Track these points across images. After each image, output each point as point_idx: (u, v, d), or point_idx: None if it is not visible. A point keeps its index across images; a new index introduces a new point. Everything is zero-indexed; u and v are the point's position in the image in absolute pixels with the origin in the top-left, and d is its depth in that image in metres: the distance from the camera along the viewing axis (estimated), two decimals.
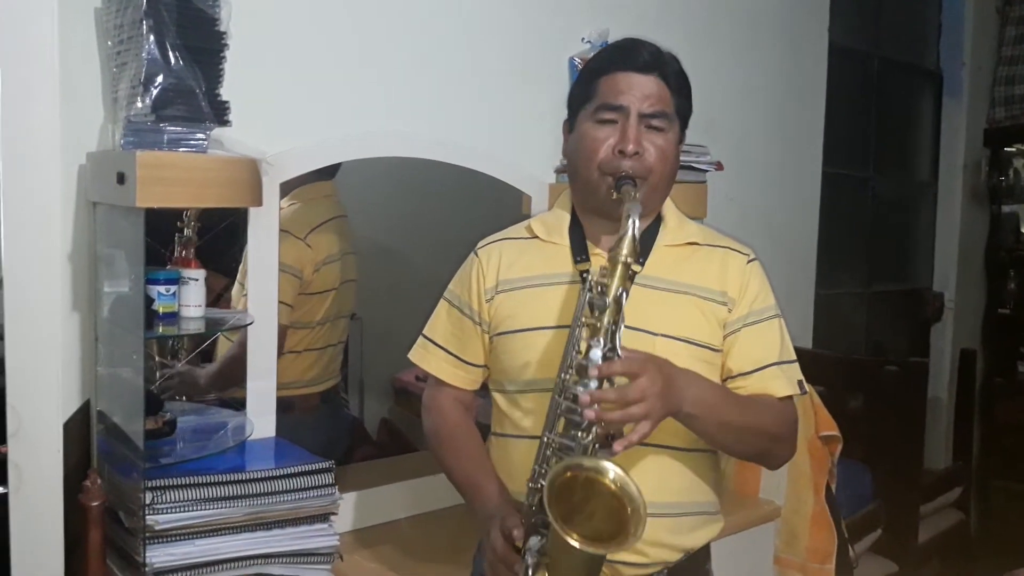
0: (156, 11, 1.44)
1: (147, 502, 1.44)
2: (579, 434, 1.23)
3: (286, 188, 2.06)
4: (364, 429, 2.43)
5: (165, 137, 1.47)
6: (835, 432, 2.42)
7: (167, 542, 1.46)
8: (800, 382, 1.45)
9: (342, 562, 1.65)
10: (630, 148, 1.36)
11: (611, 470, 1.20)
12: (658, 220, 1.47)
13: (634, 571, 1.39)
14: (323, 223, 2.14)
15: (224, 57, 1.54)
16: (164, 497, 1.45)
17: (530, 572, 1.23)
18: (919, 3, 4.07)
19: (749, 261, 1.46)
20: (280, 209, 2.07)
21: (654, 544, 1.37)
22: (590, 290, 1.28)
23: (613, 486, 1.20)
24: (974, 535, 3.84)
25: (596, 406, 1.18)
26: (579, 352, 1.26)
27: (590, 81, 1.43)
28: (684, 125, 1.47)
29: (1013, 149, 4.31)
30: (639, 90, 1.38)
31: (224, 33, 1.53)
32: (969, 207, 4.20)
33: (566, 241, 1.47)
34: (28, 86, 1.32)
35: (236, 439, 1.68)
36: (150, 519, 1.44)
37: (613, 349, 1.23)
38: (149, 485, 1.44)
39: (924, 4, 4.08)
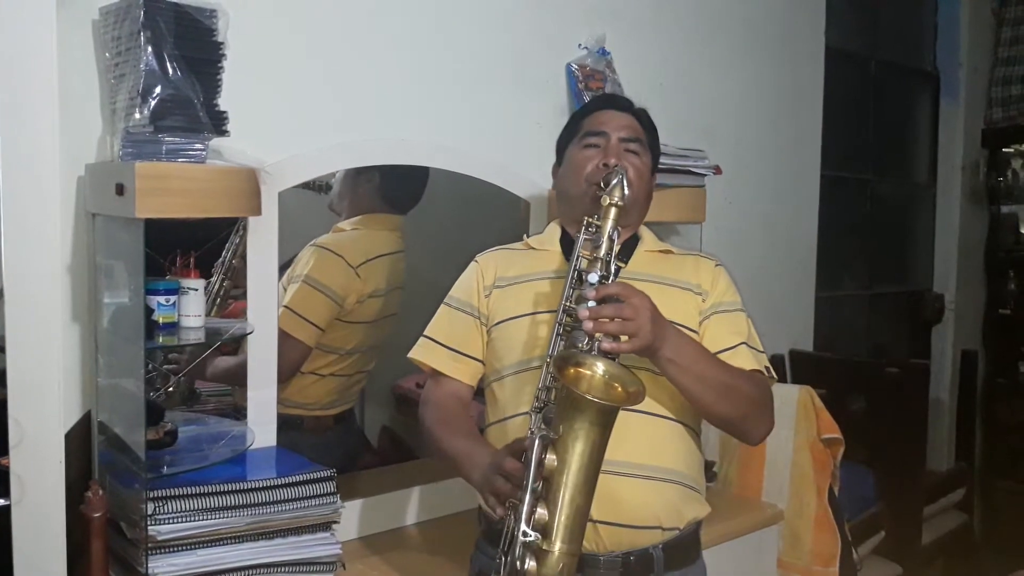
0: (153, 22, 1.45)
1: (149, 512, 1.44)
2: (580, 346, 1.34)
3: (355, 209, 2.12)
4: (365, 437, 2.43)
5: (164, 148, 1.47)
6: (837, 435, 2.42)
7: (169, 552, 1.46)
8: (768, 368, 1.57)
9: (344, 571, 1.64)
10: (612, 161, 1.55)
11: (601, 362, 1.31)
12: (635, 237, 1.65)
13: (632, 536, 1.45)
14: (379, 256, 2.15)
15: (222, 67, 1.55)
16: (166, 507, 1.45)
17: (536, 446, 1.27)
18: (914, 5, 4.08)
19: (716, 265, 1.65)
20: (342, 229, 2.10)
21: (649, 504, 1.46)
22: (586, 229, 1.45)
23: (608, 376, 1.31)
24: (978, 536, 3.83)
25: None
26: (577, 282, 1.40)
27: (575, 122, 1.67)
28: (655, 161, 1.68)
29: (1011, 150, 4.32)
30: (617, 122, 1.62)
31: (221, 44, 1.54)
32: (968, 208, 4.20)
33: (557, 248, 1.64)
34: (27, 98, 1.32)
35: (237, 449, 1.68)
36: (152, 529, 1.44)
37: (608, 275, 1.38)
38: (151, 495, 1.44)
39: (920, 6, 4.09)
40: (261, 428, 1.78)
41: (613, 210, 1.44)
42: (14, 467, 1.32)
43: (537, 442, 1.28)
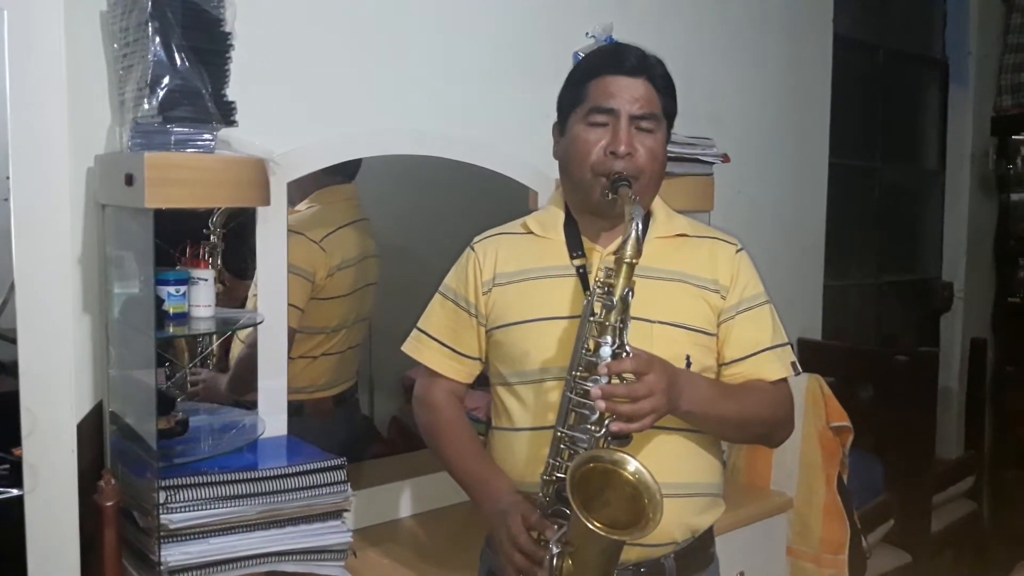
0: (161, 13, 1.45)
1: (161, 501, 1.44)
2: (591, 427, 1.28)
3: (305, 190, 2.07)
4: (375, 427, 2.44)
5: (172, 138, 1.48)
6: (846, 423, 2.42)
7: (181, 541, 1.46)
8: (793, 363, 1.50)
9: (355, 559, 1.65)
10: (622, 150, 1.40)
11: (630, 462, 1.26)
12: (648, 215, 1.52)
13: (642, 552, 1.41)
14: (341, 227, 2.13)
15: (229, 57, 1.55)
16: (178, 496, 1.46)
17: (555, 561, 1.26)
18: None
19: (737, 251, 1.52)
20: (298, 211, 2.07)
21: (664, 524, 1.37)
22: (597, 289, 1.32)
23: (632, 477, 1.25)
24: (987, 524, 3.82)
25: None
26: (588, 350, 1.31)
27: (580, 85, 1.47)
28: (670, 124, 1.51)
29: (1021, 137, 4.29)
30: (628, 93, 1.42)
31: (229, 34, 1.54)
32: (977, 196, 4.18)
33: (561, 237, 1.50)
34: (36, 90, 1.33)
35: (248, 438, 1.69)
36: (164, 518, 1.44)
37: (621, 346, 1.28)
38: (163, 484, 1.45)
39: None
40: (271, 417, 1.79)
41: (625, 268, 1.30)
42: (27, 457, 1.33)
43: (556, 558, 1.26)
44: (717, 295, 1.46)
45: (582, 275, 1.45)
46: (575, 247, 1.48)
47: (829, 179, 3.29)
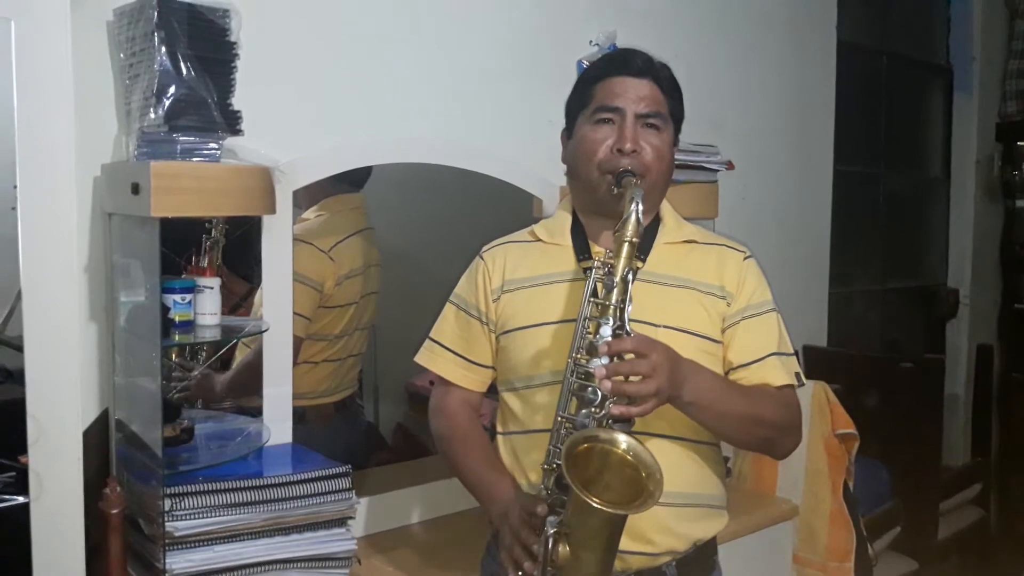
0: (167, 23, 1.46)
1: (166, 509, 1.45)
2: (592, 410, 1.26)
3: (313, 197, 2.08)
4: (379, 434, 2.44)
5: (178, 147, 1.48)
6: (852, 430, 2.42)
7: (186, 548, 1.47)
8: (798, 374, 1.47)
9: (360, 566, 1.65)
10: (628, 146, 1.41)
11: (624, 440, 1.24)
12: (656, 220, 1.51)
13: (643, 560, 1.41)
14: (349, 236, 2.14)
15: (235, 67, 1.56)
16: (183, 504, 1.46)
17: (550, 543, 1.24)
18: None
19: (746, 258, 1.50)
20: (305, 219, 2.08)
21: (663, 532, 1.40)
22: (598, 270, 1.32)
23: (628, 455, 1.24)
24: (994, 532, 3.81)
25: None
26: (588, 331, 1.30)
27: (586, 88, 1.48)
28: (678, 128, 1.51)
29: None
30: (634, 92, 1.44)
31: (234, 43, 1.55)
32: (982, 202, 4.18)
33: (568, 242, 1.51)
34: (42, 100, 1.33)
35: (253, 445, 1.70)
36: (169, 526, 1.45)
37: (622, 327, 1.27)
38: (168, 492, 1.46)
39: None
40: (277, 425, 1.79)
41: (626, 247, 1.29)
42: (33, 465, 1.33)
43: (550, 541, 1.24)
44: (723, 301, 1.45)
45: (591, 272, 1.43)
46: (583, 250, 1.49)
47: (834, 186, 3.29)
